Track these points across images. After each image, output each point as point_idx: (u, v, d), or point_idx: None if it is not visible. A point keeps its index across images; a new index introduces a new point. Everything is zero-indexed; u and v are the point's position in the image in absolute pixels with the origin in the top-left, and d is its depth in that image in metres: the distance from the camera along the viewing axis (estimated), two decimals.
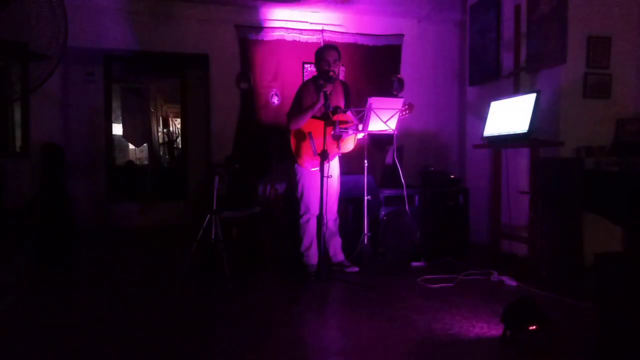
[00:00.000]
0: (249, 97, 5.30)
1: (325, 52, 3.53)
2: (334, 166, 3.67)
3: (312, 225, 3.62)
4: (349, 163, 3.96)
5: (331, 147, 3.53)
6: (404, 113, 3.60)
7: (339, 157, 3.75)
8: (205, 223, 3.43)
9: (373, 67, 5.55)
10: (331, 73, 3.45)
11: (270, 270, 3.86)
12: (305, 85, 3.66)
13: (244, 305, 2.98)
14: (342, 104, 3.64)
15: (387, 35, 5.62)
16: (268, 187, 4.72)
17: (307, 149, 3.53)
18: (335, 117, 3.48)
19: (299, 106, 3.52)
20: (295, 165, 3.62)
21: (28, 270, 3.68)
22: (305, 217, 3.62)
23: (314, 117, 3.47)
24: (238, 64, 5.29)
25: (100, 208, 5.79)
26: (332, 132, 3.51)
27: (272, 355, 2.24)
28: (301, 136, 3.55)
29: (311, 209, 3.58)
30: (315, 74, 3.63)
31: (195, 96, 6.17)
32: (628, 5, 3.83)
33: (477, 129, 4.47)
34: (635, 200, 2.97)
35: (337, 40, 5.38)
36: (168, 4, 5.18)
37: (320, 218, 3.43)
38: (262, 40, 5.29)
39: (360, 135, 3.67)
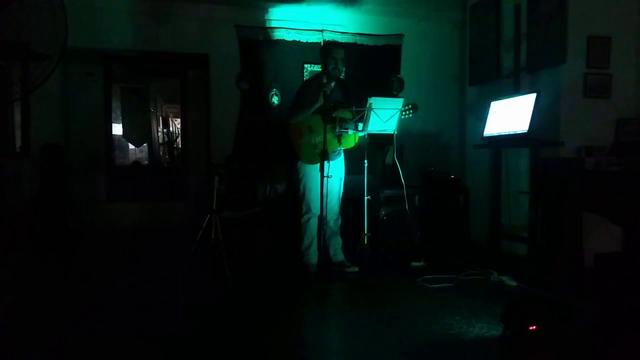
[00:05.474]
0: (249, 97, 5.29)
1: (332, 49, 3.58)
2: (338, 165, 3.68)
3: (313, 225, 3.62)
4: (349, 163, 3.96)
5: (331, 143, 3.53)
6: (407, 113, 3.60)
7: (344, 155, 3.75)
8: (205, 223, 3.43)
9: (373, 67, 5.55)
10: (337, 70, 3.51)
11: (270, 270, 3.86)
12: (308, 82, 3.71)
13: (244, 305, 2.98)
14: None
15: (387, 35, 5.61)
16: (268, 187, 4.72)
17: (307, 142, 3.54)
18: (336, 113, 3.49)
19: (299, 103, 3.56)
20: (298, 163, 3.62)
21: (28, 270, 3.67)
22: (306, 217, 3.62)
23: (316, 112, 3.50)
24: (238, 64, 5.28)
25: (100, 208, 5.79)
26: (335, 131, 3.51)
27: (272, 355, 2.24)
28: (301, 130, 3.56)
29: (312, 209, 3.58)
30: (316, 73, 3.65)
31: (195, 96, 6.17)
32: (628, 5, 3.83)
33: (477, 129, 4.47)
34: (635, 200, 2.96)
35: (337, 40, 5.38)
36: (168, 4, 5.17)
37: (320, 217, 3.43)
38: (262, 40, 5.28)
39: (361, 132, 3.67)
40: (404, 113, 3.58)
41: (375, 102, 3.45)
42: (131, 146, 7.87)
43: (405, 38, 5.67)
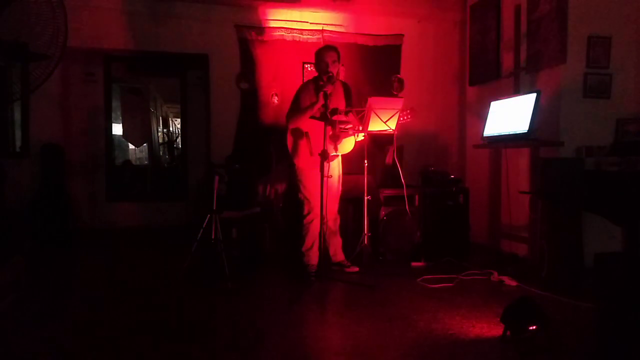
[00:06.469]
0: (249, 97, 5.30)
1: (324, 53, 3.54)
2: (334, 166, 3.67)
3: (316, 226, 3.61)
4: (349, 163, 3.96)
5: (328, 149, 3.53)
6: (405, 117, 3.60)
7: (341, 156, 3.75)
8: (205, 223, 3.43)
9: (373, 67, 5.55)
10: (329, 74, 3.47)
11: (270, 270, 3.86)
12: (305, 85, 3.67)
13: (244, 305, 2.98)
14: (342, 105, 3.64)
15: (387, 35, 5.61)
16: (268, 187, 4.72)
17: (304, 148, 3.53)
18: (334, 118, 3.48)
19: (297, 106, 3.53)
20: (296, 165, 3.62)
21: (28, 270, 3.67)
22: (309, 217, 3.61)
23: (312, 117, 3.48)
24: (238, 64, 5.29)
25: (100, 208, 5.79)
26: (330, 133, 3.50)
27: (272, 356, 2.24)
28: (298, 135, 3.56)
29: (315, 209, 3.58)
30: (316, 74, 3.64)
31: (195, 96, 6.17)
32: (628, 5, 3.83)
33: (477, 129, 4.47)
34: (635, 200, 2.97)
35: (337, 40, 5.37)
36: (168, 4, 5.17)
37: (320, 217, 3.42)
38: (262, 40, 5.29)
39: (359, 137, 3.66)
40: (403, 117, 3.58)
41: (375, 102, 3.45)
42: (131, 146, 7.88)
43: (406, 38, 5.67)
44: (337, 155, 3.68)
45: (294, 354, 2.25)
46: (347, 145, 3.65)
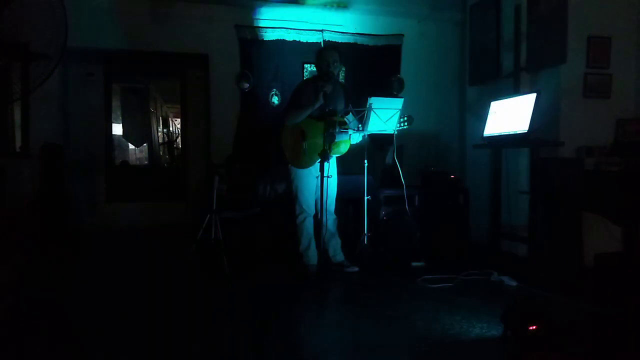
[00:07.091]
0: (249, 97, 5.30)
1: (325, 53, 3.56)
2: (330, 165, 3.66)
3: (309, 225, 3.61)
4: (349, 163, 3.96)
5: (319, 148, 3.52)
6: (403, 125, 3.60)
7: (336, 157, 3.74)
8: (205, 223, 3.43)
9: (373, 67, 5.55)
10: (330, 74, 3.47)
11: (270, 270, 3.86)
12: (304, 83, 3.68)
13: (244, 305, 2.98)
14: (341, 106, 3.64)
15: (387, 35, 5.61)
16: (268, 187, 4.71)
17: (298, 148, 3.53)
18: (333, 119, 3.48)
19: (297, 103, 3.53)
20: (289, 164, 3.62)
21: (28, 270, 3.68)
22: (301, 217, 3.61)
23: (310, 116, 3.48)
24: (238, 64, 5.28)
25: (100, 208, 5.79)
26: (325, 133, 3.49)
27: (272, 355, 2.24)
28: (293, 134, 3.54)
29: (306, 209, 3.58)
30: (313, 74, 3.64)
31: (195, 96, 6.17)
32: (628, 6, 3.83)
33: (477, 129, 4.47)
34: (635, 200, 2.97)
35: (337, 40, 5.38)
36: (168, 4, 5.17)
37: (320, 218, 3.42)
38: (262, 40, 5.28)
39: (355, 141, 3.65)
40: (400, 124, 3.58)
41: (375, 102, 3.45)
42: (131, 146, 7.88)
43: (405, 38, 5.67)
44: (331, 156, 3.67)
45: (294, 354, 2.25)
46: (342, 146, 3.63)
